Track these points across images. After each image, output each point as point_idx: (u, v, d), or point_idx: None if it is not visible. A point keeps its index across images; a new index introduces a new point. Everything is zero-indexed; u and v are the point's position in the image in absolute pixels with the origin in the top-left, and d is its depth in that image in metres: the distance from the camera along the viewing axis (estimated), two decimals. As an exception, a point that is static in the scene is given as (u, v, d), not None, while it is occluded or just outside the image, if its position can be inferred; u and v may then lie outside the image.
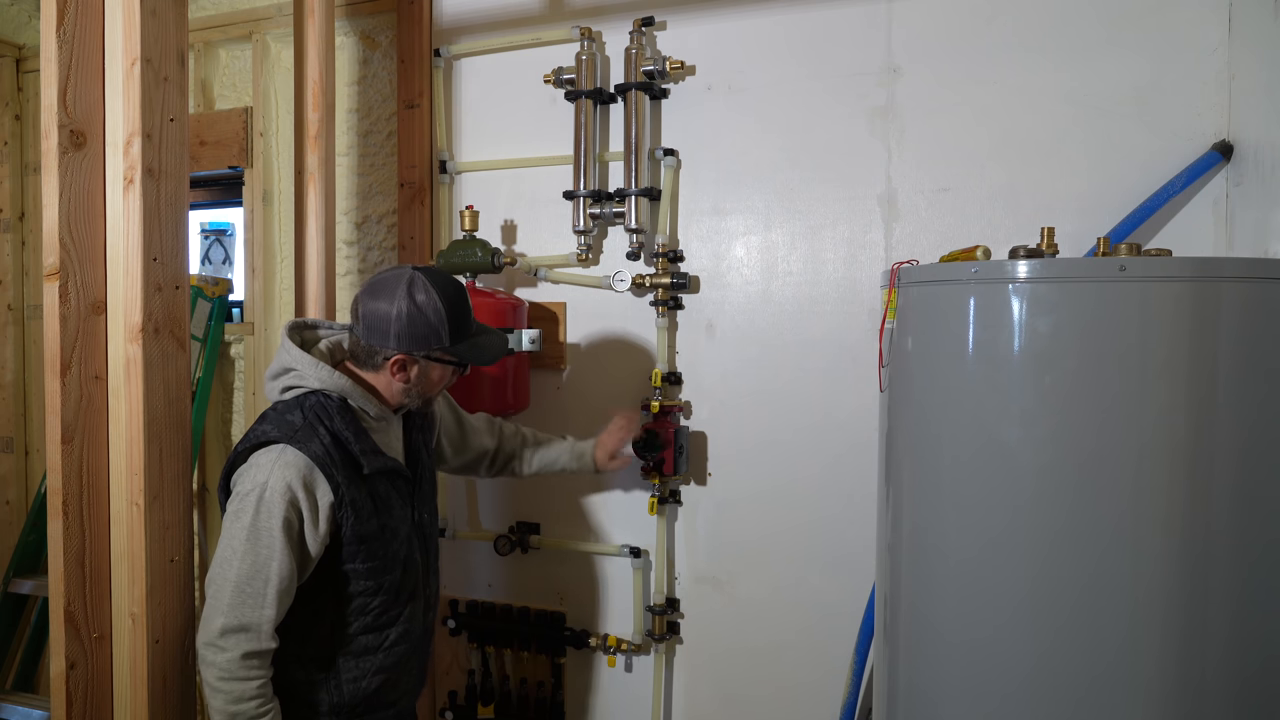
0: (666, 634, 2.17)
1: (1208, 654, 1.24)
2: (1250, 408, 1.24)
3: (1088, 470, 1.26)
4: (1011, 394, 1.31)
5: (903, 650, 1.50)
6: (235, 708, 1.39)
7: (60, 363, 1.52)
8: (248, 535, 1.39)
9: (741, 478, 2.13)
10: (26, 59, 2.99)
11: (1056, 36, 1.84)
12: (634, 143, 2.11)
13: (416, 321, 1.47)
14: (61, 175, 1.51)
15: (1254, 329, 1.24)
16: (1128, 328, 1.24)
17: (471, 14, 2.36)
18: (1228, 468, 1.24)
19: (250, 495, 1.40)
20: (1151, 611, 1.24)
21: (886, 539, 1.55)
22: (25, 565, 2.57)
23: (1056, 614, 1.28)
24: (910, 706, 1.47)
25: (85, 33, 1.54)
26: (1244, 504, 1.24)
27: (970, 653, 1.36)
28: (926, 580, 1.44)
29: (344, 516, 1.45)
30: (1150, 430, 1.24)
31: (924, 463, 1.44)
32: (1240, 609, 1.25)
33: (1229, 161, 1.72)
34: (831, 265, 2.04)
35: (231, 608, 1.39)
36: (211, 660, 1.40)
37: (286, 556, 1.40)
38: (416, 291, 1.48)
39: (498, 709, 2.33)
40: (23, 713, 2.36)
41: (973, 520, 1.35)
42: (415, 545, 1.61)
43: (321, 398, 1.48)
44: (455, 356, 1.54)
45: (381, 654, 1.54)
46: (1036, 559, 1.29)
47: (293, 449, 1.42)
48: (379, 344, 1.49)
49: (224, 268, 2.88)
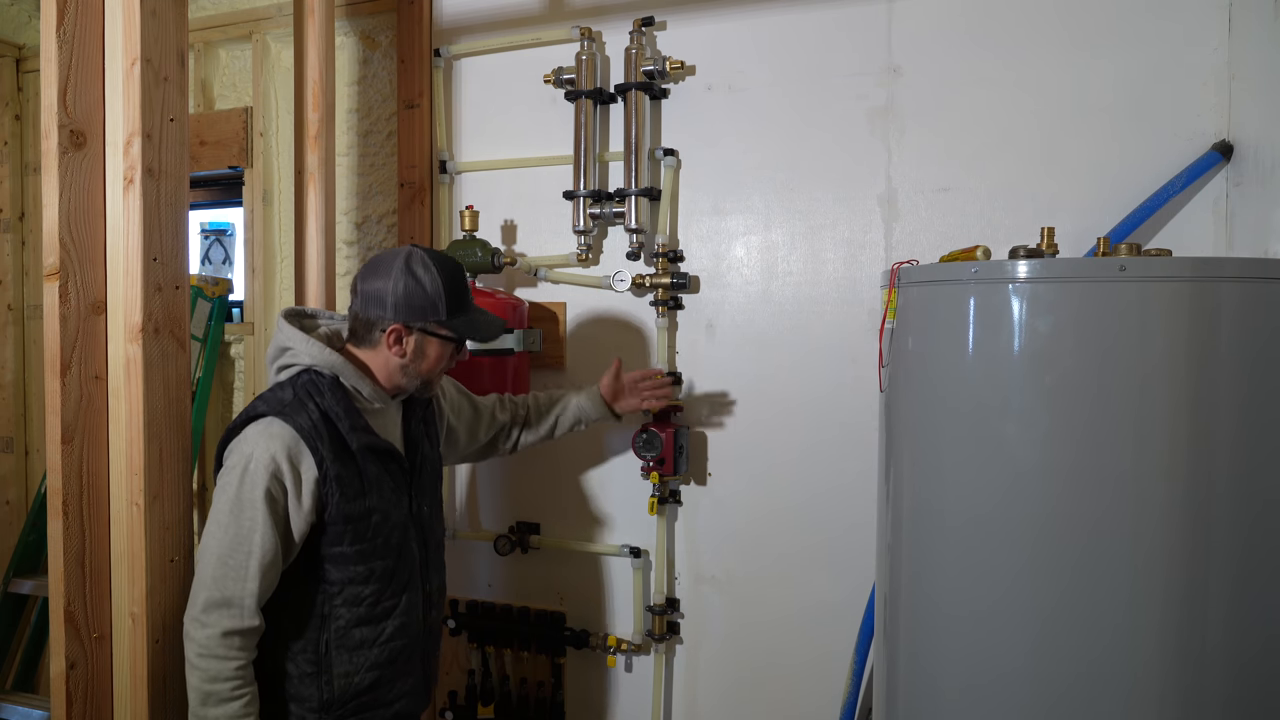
0: (666, 634, 2.17)
1: (1207, 653, 1.24)
2: (1250, 407, 1.24)
3: (1088, 470, 1.26)
4: (1011, 394, 1.31)
5: (903, 650, 1.50)
6: (210, 686, 1.38)
7: (60, 363, 1.52)
8: (231, 507, 1.39)
9: (741, 478, 2.13)
10: (26, 59, 2.99)
11: (1056, 36, 1.84)
12: (634, 143, 2.11)
13: (414, 293, 1.49)
14: (61, 175, 1.51)
15: (1254, 329, 1.24)
16: (1128, 328, 1.24)
17: (471, 14, 2.36)
18: (1227, 468, 1.24)
19: (235, 468, 1.41)
20: (1152, 613, 1.24)
21: (886, 539, 1.55)
22: (25, 565, 2.58)
23: (1057, 614, 1.28)
24: (911, 707, 1.48)
25: (85, 33, 1.54)
26: (1244, 503, 1.24)
27: (972, 656, 1.36)
28: (926, 581, 1.44)
29: (329, 493, 1.44)
30: (1150, 430, 1.24)
31: (924, 463, 1.44)
32: (1239, 600, 1.24)
33: (1229, 161, 1.72)
34: (831, 265, 2.04)
35: (215, 580, 1.39)
36: (193, 635, 1.39)
37: (270, 529, 1.39)
38: (415, 265, 1.50)
39: (498, 709, 2.33)
40: (23, 713, 2.37)
41: (973, 521, 1.35)
42: (412, 535, 1.59)
43: (313, 375, 1.49)
44: (452, 331, 1.53)
45: (376, 649, 1.51)
46: (1037, 559, 1.29)
47: (279, 421, 1.42)
48: (376, 314, 1.50)
49: (224, 268, 2.88)
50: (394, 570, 1.54)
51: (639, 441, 2.05)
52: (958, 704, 1.38)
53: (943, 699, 1.40)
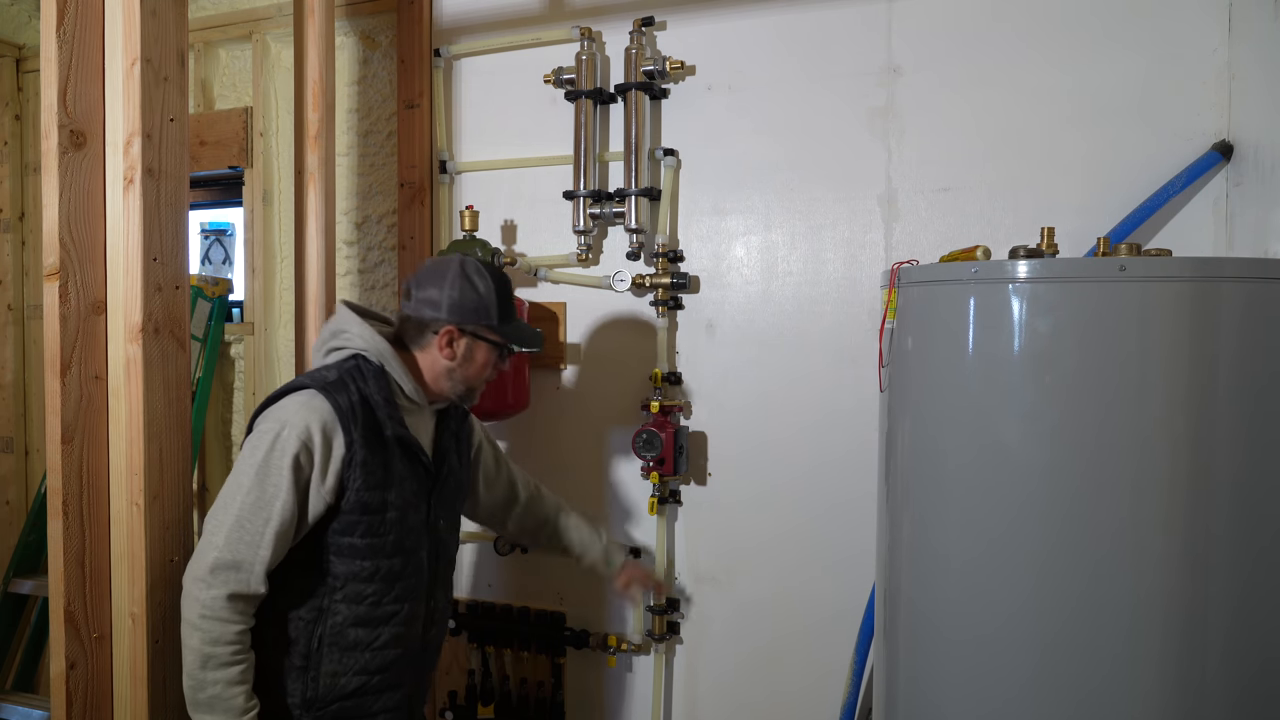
0: (666, 634, 2.17)
1: (1208, 654, 1.24)
2: (1250, 407, 1.24)
3: (1088, 470, 1.26)
4: (1012, 394, 1.31)
5: (903, 650, 1.50)
6: (210, 649, 1.37)
7: (60, 363, 1.51)
8: (257, 470, 1.39)
9: (741, 478, 2.13)
10: (26, 59, 2.99)
11: (1057, 36, 1.84)
12: (634, 143, 2.11)
13: (469, 297, 1.53)
14: (61, 175, 1.51)
15: (1254, 329, 1.24)
16: (1128, 328, 1.24)
17: (471, 14, 2.36)
18: (1228, 468, 1.24)
19: (268, 433, 1.41)
20: (1152, 610, 1.24)
21: (886, 539, 1.55)
22: (25, 565, 2.58)
23: (1057, 615, 1.28)
24: (911, 707, 1.48)
25: (85, 33, 1.54)
26: (1244, 504, 1.24)
27: (971, 652, 1.36)
28: (926, 580, 1.44)
29: (351, 477, 1.44)
30: (1150, 430, 1.24)
31: (924, 463, 1.44)
32: (1240, 608, 1.25)
33: (1229, 161, 1.72)
34: (831, 265, 2.04)
35: (228, 543, 1.38)
36: (196, 595, 1.37)
37: (291, 498, 1.39)
38: (470, 272, 1.54)
39: (498, 709, 2.33)
40: (23, 713, 2.37)
41: (973, 520, 1.35)
42: (424, 544, 1.57)
43: (361, 361, 1.51)
44: (501, 336, 1.57)
45: (368, 653, 1.49)
46: (1037, 559, 1.29)
47: (321, 396, 1.44)
48: (430, 315, 1.53)
49: (224, 268, 2.88)
50: (400, 573, 1.52)
51: (639, 441, 2.05)
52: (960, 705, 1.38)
53: (945, 700, 1.41)
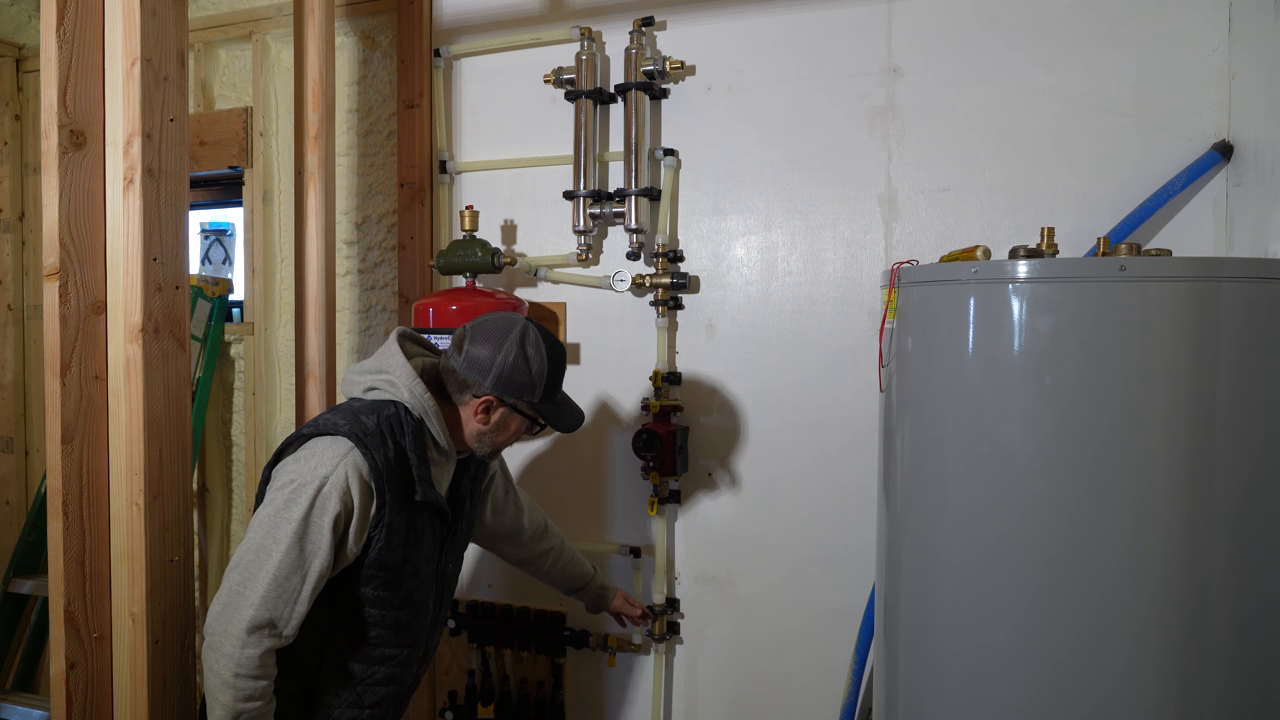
0: (666, 634, 2.17)
1: (1209, 657, 1.24)
2: (1250, 407, 1.24)
3: (1088, 470, 1.26)
4: (1012, 394, 1.31)
5: (902, 651, 1.50)
6: (243, 705, 1.34)
7: (60, 363, 1.51)
8: (297, 529, 1.34)
9: (741, 478, 2.13)
10: (26, 59, 2.99)
11: (1057, 36, 1.84)
12: (634, 143, 2.11)
13: (519, 370, 1.47)
14: (61, 175, 1.51)
15: (1254, 329, 1.24)
16: (1128, 328, 1.24)
17: (471, 14, 2.36)
18: (1229, 468, 1.24)
19: (308, 487, 1.35)
20: (1152, 610, 1.24)
21: (886, 539, 1.55)
22: (25, 565, 2.58)
23: (1057, 614, 1.28)
24: (911, 708, 1.47)
25: (85, 33, 1.54)
26: (1245, 504, 1.24)
27: (971, 655, 1.36)
28: (926, 581, 1.44)
29: (377, 535, 1.41)
30: (1151, 430, 1.24)
31: (923, 463, 1.44)
32: (1243, 612, 1.25)
33: (1229, 161, 1.72)
34: (831, 265, 2.04)
35: (265, 601, 1.33)
36: (231, 654, 1.33)
37: (328, 556, 1.36)
38: (529, 344, 1.48)
39: (498, 709, 2.33)
40: (23, 713, 2.37)
41: (973, 521, 1.35)
42: (431, 591, 1.57)
43: (402, 412, 1.45)
44: (539, 415, 1.52)
45: (359, 687, 1.49)
46: (1037, 560, 1.29)
47: (361, 450, 1.38)
48: (475, 379, 1.48)
49: (224, 268, 2.88)
50: (407, 623, 1.52)
51: (639, 441, 2.05)
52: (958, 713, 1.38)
53: (944, 708, 1.41)
